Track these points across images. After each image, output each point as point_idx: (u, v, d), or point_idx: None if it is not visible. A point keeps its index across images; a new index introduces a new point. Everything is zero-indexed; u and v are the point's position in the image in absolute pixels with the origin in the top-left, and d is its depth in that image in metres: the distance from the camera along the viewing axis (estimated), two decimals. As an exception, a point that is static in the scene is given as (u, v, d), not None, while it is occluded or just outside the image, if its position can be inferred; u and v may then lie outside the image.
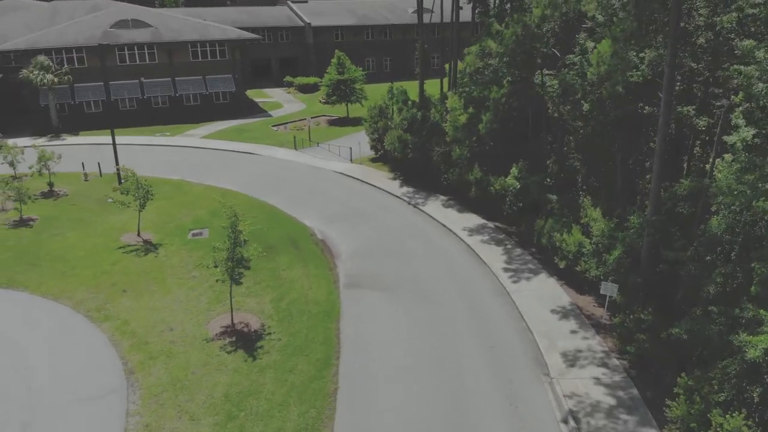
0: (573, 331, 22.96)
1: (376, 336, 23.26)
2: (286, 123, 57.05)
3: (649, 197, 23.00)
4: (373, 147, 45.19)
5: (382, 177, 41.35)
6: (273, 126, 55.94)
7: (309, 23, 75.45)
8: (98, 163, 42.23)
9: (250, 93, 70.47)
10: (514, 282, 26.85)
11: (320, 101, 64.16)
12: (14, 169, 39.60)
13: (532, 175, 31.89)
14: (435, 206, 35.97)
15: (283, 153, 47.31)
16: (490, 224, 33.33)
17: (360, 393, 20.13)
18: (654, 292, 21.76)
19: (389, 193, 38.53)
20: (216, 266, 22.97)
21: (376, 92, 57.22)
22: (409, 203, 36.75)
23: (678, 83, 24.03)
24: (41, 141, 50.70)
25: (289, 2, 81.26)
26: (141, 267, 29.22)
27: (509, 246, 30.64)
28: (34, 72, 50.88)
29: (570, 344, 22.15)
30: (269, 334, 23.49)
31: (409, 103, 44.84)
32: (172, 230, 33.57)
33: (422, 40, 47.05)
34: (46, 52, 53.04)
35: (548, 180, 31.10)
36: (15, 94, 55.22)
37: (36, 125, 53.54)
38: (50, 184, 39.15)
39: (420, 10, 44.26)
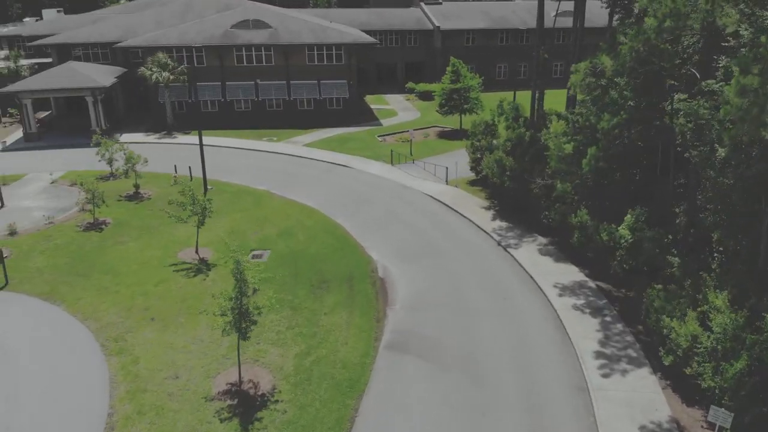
0: (666, 466, 16.56)
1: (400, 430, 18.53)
2: (394, 133, 53.31)
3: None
4: (472, 168, 39.89)
5: (474, 205, 36.03)
6: (379, 136, 52.51)
7: (438, 26, 71.12)
8: (189, 167, 41.42)
9: (369, 98, 67.93)
10: (603, 375, 20.58)
11: (436, 111, 59.61)
12: (111, 166, 39.95)
13: (651, 227, 25.05)
14: (528, 251, 30.09)
15: (377, 168, 43.61)
16: (591, 283, 26.88)
17: None
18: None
19: (478, 226, 33.19)
20: (222, 314, 19.57)
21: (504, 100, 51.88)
22: (498, 243, 31.19)
23: None
24: (153, 138, 51.73)
25: (422, 4, 77.56)
26: (182, 291, 26.98)
27: (609, 318, 24.14)
28: (152, 69, 51.95)
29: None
30: (276, 402, 19.71)
31: (521, 120, 39.00)
32: (235, 248, 31.09)
33: (539, 46, 40.84)
34: (168, 49, 54.08)
35: (668, 238, 24.11)
36: (139, 90, 57.10)
37: (152, 122, 54.93)
38: (136, 186, 38.85)
39: (540, 11, 38.17)
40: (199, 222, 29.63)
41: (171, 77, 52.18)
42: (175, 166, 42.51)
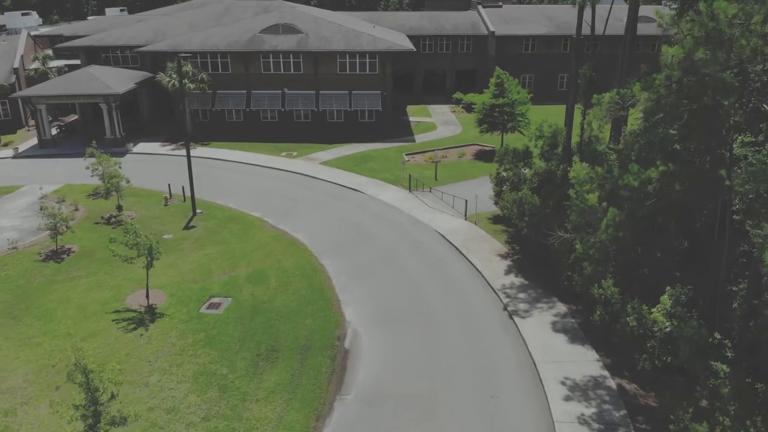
0: None
1: None
2: (425, 152, 47.60)
3: None
4: (496, 202, 33.69)
5: (489, 251, 29.90)
6: (407, 154, 46.93)
7: (492, 31, 64.56)
8: (182, 187, 37.56)
9: (412, 109, 62.46)
10: None
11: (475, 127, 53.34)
12: (105, 183, 35.67)
13: (695, 311, 18.40)
14: (539, 322, 23.81)
15: (391, 194, 38.13)
16: (611, 381, 20.38)
17: None
18: None
19: (486, 282, 27.11)
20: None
21: (560, 116, 45.44)
22: (504, 307, 25.06)
23: None
24: (167, 149, 48.59)
25: (479, 7, 71.12)
26: (108, 350, 22.74)
27: (625, 439, 17.73)
28: (172, 75, 48.83)
29: None
30: None
31: (559, 149, 32.48)
32: (194, 293, 26.76)
33: (576, 58, 34.27)
34: (192, 54, 50.86)
35: (715, 337, 17.40)
36: (165, 97, 54.32)
37: (172, 131, 51.92)
38: (119, 208, 35.32)
39: (579, 18, 31.59)
40: (147, 264, 25.39)
41: (190, 85, 48.83)
42: (169, 185, 38.83)
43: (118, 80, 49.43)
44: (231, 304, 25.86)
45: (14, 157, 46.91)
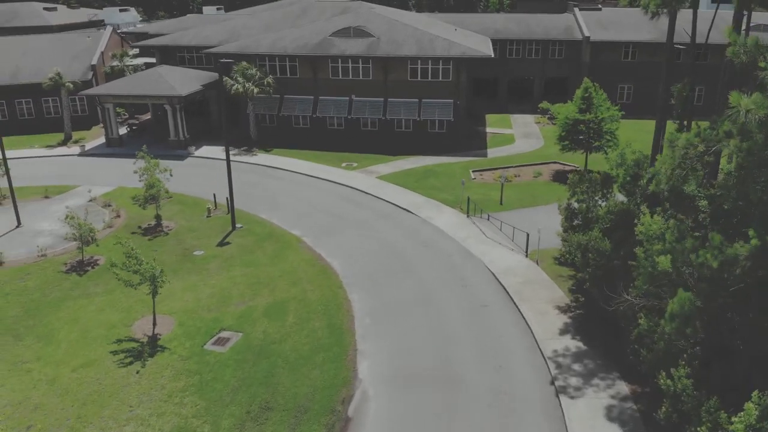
0: None
1: None
2: (494, 169, 43.10)
3: None
4: (564, 238, 28.84)
5: (546, 301, 25.32)
6: (475, 171, 42.67)
7: (587, 37, 58.48)
8: (226, 198, 35.55)
9: (493, 118, 57.85)
10: None
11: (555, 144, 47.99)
12: (145, 192, 34.26)
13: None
14: (591, 407, 19.17)
15: (446, 219, 34.18)
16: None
17: None
18: None
19: (536, 342, 22.67)
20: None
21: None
22: (551, 381, 20.58)
23: None
24: (230, 154, 47.00)
25: (575, 10, 64.99)
26: (95, 387, 20.66)
27: None
28: (238, 79, 47.38)
29: None
30: None
31: (643, 181, 27.20)
32: (204, 324, 24.38)
33: (668, 72, 28.84)
34: (260, 57, 49.28)
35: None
36: (234, 100, 53.06)
37: (238, 135, 50.53)
38: (157, 218, 33.80)
39: (671, 24, 26.24)
40: (152, 291, 23.22)
41: (254, 88, 47.12)
42: (214, 195, 37.04)
43: (184, 82, 48.63)
44: (239, 341, 23.14)
45: (80, 154, 47.24)
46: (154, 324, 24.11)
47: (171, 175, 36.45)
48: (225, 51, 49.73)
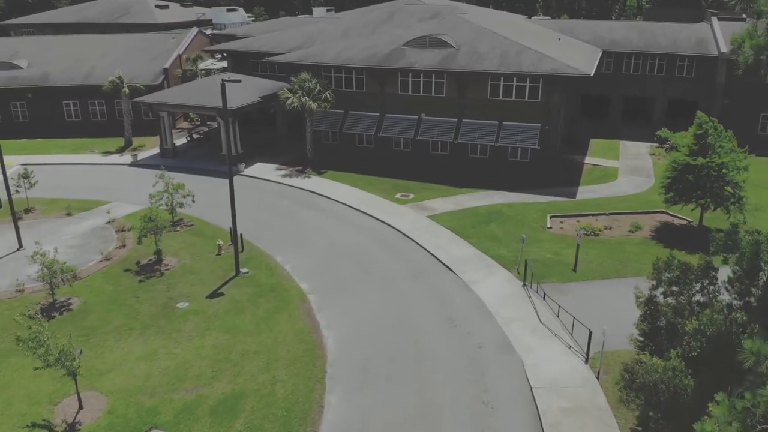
0: None
1: None
2: (581, 216, 34.61)
3: None
4: (639, 346, 20.46)
5: (589, 452, 17.50)
6: (553, 217, 34.52)
7: (723, 53, 47.42)
8: (240, 235, 30.63)
9: (598, 144, 48.82)
10: None
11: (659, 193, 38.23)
12: (140, 225, 28.76)
13: None
14: None
15: (492, 287, 26.75)
16: None
17: None
18: None
19: None
20: None
21: None
22: None
23: None
24: (279, 174, 42.53)
25: (714, 19, 53.56)
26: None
27: None
28: (296, 91, 42.62)
29: None
30: None
31: (764, 273, 18.49)
32: (136, 416, 19.49)
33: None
34: (326, 69, 44.22)
35: None
36: (297, 116, 48.52)
37: (296, 152, 45.82)
38: (157, 254, 29.56)
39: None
40: (71, 373, 18.53)
41: (311, 104, 42.07)
42: (230, 229, 32.18)
43: (243, 92, 44.56)
44: (165, 450, 17.83)
45: (131, 164, 44.88)
46: (80, 404, 19.45)
47: (194, 201, 32.63)
48: (286, 60, 45.21)
